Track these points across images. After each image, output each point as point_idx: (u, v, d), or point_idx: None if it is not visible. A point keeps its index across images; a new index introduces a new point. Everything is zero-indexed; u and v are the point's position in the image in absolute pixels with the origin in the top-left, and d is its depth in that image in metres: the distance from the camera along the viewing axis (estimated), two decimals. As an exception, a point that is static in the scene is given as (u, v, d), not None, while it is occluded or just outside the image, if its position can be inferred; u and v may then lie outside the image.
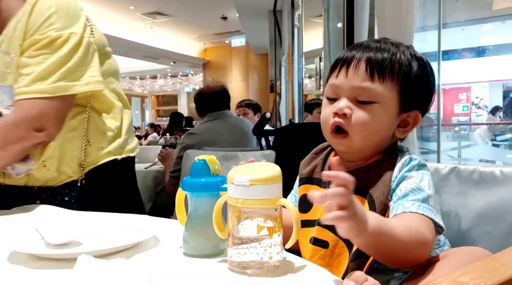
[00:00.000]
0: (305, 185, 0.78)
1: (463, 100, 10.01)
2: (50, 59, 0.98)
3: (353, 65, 0.70)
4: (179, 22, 9.44)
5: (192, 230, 0.62)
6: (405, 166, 0.68)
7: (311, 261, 0.70)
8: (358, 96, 0.69)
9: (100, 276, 0.38)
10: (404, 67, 0.69)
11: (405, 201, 0.63)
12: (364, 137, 0.69)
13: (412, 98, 0.71)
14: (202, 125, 2.32)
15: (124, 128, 1.18)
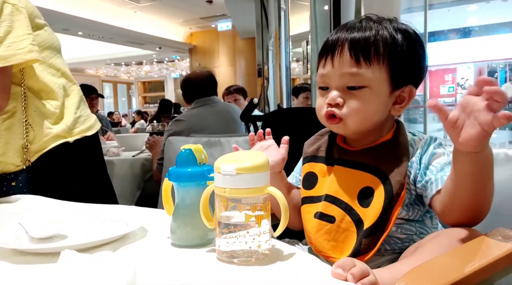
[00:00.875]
0: (310, 163, 0.80)
1: (448, 81, 10.09)
2: None
3: (337, 53, 0.69)
4: (163, 6, 9.23)
5: (179, 220, 0.61)
6: (429, 145, 0.70)
7: (316, 235, 0.72)
8: (347, 83, 0.69)
9: (84, 270, 0.37)
10: (388, 45, 0.68)
11: (446, 172, 0.65)
12: (358, 122, 0.70)
13: (402, 74, 0.70)
14: (189, 111, 2.29)
15: (71, 107, 1.12)
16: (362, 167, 0.71)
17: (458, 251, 0.51)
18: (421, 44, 0.72)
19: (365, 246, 0.67)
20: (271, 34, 6.62)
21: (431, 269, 0.47)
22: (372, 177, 0.69)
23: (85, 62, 14.43)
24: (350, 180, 0.71)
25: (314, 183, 0.77)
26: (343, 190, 0.71)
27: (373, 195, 0.68)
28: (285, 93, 5.95)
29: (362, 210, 0.68)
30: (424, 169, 0.68)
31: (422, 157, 0.69)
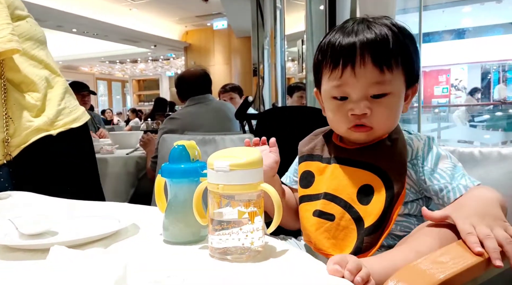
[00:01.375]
0: (306, 162, 0.80)
1: (442, 82, 10.16)
2: None
3: (359, 63, 0.68)
4: (158, 3, 9.18)
5: (172, 217, 0.61)
6: (429, 146, 0.71)
7: (315, 233, 0.72)
8: (372, 92, 0.69)
9: (73, 266, 0.37)
10: (401, 49, 0.69)
11: (458, 181, 0.67)
12: (386, 128, 0.72)
13: (413, 74, 0.72)
14: (184, 109, 2.28)
15: (54, 99, 1.08)
16: (361, 165, 0.71)
17: (451, 248, 0.51)
18: (415, 40, 0.74)
19: (367, 243, 0.67)
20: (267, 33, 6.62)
21: (423, 266, 0.47)
22: (372, 175, 0.69)
23: (79, 60, 14.33)
24: (349, 178, 0.71)
25: (311, 181, 0.77)
26: (342, 187, 0.71)
27: (373, 192, 0.68)
28: (280, 92, 5.95)
29: (361, 207, 0.69)
30: (430, 172, 0.69)
31: (425, 159, 0.70)
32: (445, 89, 10.14)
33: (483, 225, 0.52)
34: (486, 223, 0.52)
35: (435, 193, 0.69)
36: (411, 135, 0.74)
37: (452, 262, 0.48)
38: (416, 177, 0.70)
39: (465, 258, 0.49)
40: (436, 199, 0.70)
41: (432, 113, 7.96)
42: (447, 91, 10.14)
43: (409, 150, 0.71)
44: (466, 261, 0.48)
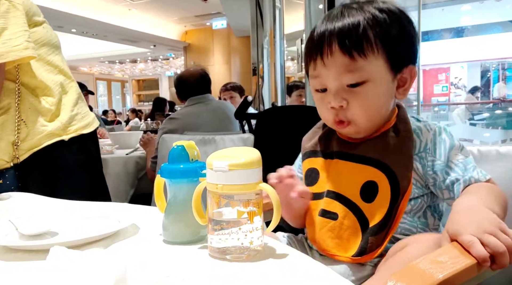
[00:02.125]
0: (310, 159, 0.77)
1: (442, 80, 10.15)
2: None
3: (327, 51, 0.65)
4: (158, 3, 9.18)
5: (171, 217, 0.61)
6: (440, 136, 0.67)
7: (320, 233, 0.70)
8: (346, 81, 0.65)
9: (73, 267, 0.37)
10: (378, 31, 0.64)
11: (470, 173, 0.65)
12: (368, 119, 0.67)
13: (399, 56, 0.67)
14: (184, 109, 2.28)
15: (68, 104, 1.10)
16: (364, 160, 0.68)
17: (448, 248, 0.51)
18: (408, 19, 0.68)
19: (372, 244, 0.65)
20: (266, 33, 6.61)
21: (422, 266, 0.47)
22: (375, 171, 0.66)
23: (79, 60, 14.32)
24: (352, 175, 0.68)
25: (316, 178, 0.74)
26: (345, 185, 0.69)
27: (377, 189, 0.65)
28: (279, 92, 5.95)
29: (365, 205, 0.66)
30: (444, 166, 0.65)
31: (435, 152, 0.66)
32: (444, 87, 10.13)
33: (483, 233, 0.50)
34: (483, 229, 0.51)
35: (447, 187, 0.65)
36: (420, 124, 0.69)
37: (451, 262, 0.48)
38: (423, 171, 0.66)
39: (464, 258, 0.49)
40: (447, 193, 0.66)
41: (432, 111, 7.96)
42: (446, 90, 10.14)
43: (417, 142, 0.67)
44: (465, 261, 0.48)
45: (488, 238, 0.49)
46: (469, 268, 0.47)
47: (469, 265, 0.47)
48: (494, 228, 0.51)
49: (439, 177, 0.66)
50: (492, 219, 0.53)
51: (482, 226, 0.51)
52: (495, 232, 0.50)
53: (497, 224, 0.51)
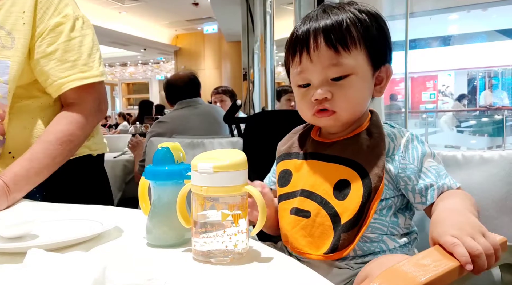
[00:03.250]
0: (284, 161, 0.79)
1: (430, 88, 10.31)
2: (86, 42, 1.00)
3: (313, 47, 0.68)
4: (149, 7, 9.15)
5: (155, 220, 0.60)
6: (412, 142, 0.70)
7: (292, 232, 0.70)
8: (330, 74, 0.68)
9: (50, 269, 0.36)
10: (361, 28, 0.68)
11: (443, 179, 0.68)
12: (351, 111, 0.70)
13: (378, 54, 0.71)
14: (172, 113, 2.27)
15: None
16: (338, 160, 0.70)
17: (431, 251, 0.51)
18: (384, 21, 0.73)
19: (344, 241, 0.65)
20: (257, 38, 6.64)
21: (405, 268, 0.47)
22: (348, 170, 0.68)
23: (67, 62, 14.14)
24: (325, 173, 0.70)
25: (289, 179, 0.75)
26: (318, 183, 0.70)
27: (349, 187, 0.67)
28: (270, 97, 5.96)
29: (337, 202, 0.67)
30: (416, 171, 0.68)
31: (408, 157, 0.68)
32: (432, 95, 10.29)
33: (465, 235, 0.51)
34: (465, 232, 0.51)
35: (420, 192, 0.68)
36: (394, 129, 0.72)
37: (433, 265, 0.48)
38: (395, 172, 0.68)
39: (447, 261, 0.49)
40: (419, 198, 0.68)
41: (420, 118, 8.06)
42: (434, 97, 10.29)
43: (390, 145, 0.70)
44: (448, 264, 0.48)
45: (466, 240, 0.49)
46: (451, 271, 0.47)
47: (452, 267, 0.47)
48: (475, 231, 0.51)
49: (412, 180, 0.68)
50: (473, 222, 0.54)
51: (464, 228, 0.52)
52: (474, 235, 0.51)
53: (478, 227, 0.52)
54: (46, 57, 0.97)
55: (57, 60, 0.97)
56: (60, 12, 0.98)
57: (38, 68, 0.98)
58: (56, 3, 0.98)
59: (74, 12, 1.00)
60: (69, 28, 0.98)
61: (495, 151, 0.73)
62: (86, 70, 0.99)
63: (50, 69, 0.97)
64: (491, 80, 9.81)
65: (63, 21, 0.98)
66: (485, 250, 0.49)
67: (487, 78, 9.94)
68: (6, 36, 0.94)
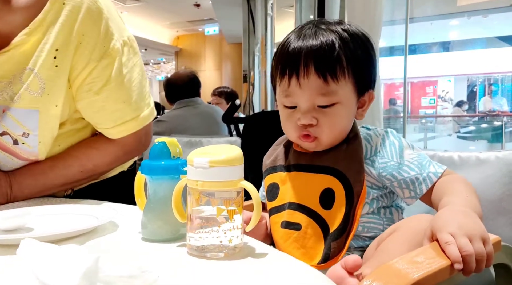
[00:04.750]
0: (270, 175, 0.79)
1: (429, 93, 10.34)
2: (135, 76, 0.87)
3: (303, 74, 0.67)
4: (150, 8, 9.17)
5: (151, 215, 0.60)
6: (388, 138, 0.71)
7: (285, 245, 0.71)
8: (318, 102, 0.68)
9: (43, 259, 0.36)
10: (350, 57, 0.68)
11: (427, 169, 0.68)
12: (333, 137, 0.71)
13: (365, 81, 0.71)
14: (171, 112, 2.28)
15: None
16: (319, 169, 0.71)
17: (426, 249, 0.51)
18: (371, 45, 0.73)
19: (334, 249, 0.66)
20: (258, 40, 6.65)
21: (399, 266, 0.47)
22: (331, 178, 0.69)
23: (68, 61, 14.17)
24: (309, 184, 0.71)
25: (276, 192, 0.76)
26: (304, 195, 0.71)
27: (334, 196, 0.68)
28: (269, 99, 5.98)
29: (325, 212, 0.68)
30: (398, 166, 0.68)
31: (387, 155, 0.69)
32: (432, 100, 10.32)
33: (462, 235, 0.51)
34: (464, 232, 0.51)
35: (407, 186, 0.68)
36: (370, 131, 0.73)
37: (427, 262, 0.48)
38: (376, 173, 0.69)
39: (440, 259, 0.49)
40: (407, 192, 0.68)
41: (419, 123, 8.08)
42: (434, 102, 10.32)
43: (368, 147, 0.71)
44: (441, 262, 0.49)
45: (461, 239, 0.49)
46: (444, 269, 0.47)
47: (445, 265, 0.47)
48: (475, 234, 0.51)
49: (395, 177, 0.68)
50: (478, 227, 0.53)
51: (464, 228, 0.52)
52: (472, 237, 0.51)
53: (480, 232, 0.52)
54: (92, 106, 0.85)
55: (105, 108, 0.85)
56: (106, 48, 0.82)
57: (85, 114, 0.88)
58: (102, 37, 0.81)
59: (119, 40, 0.85)
60: (116, 67, 0.83)
61: (491, 152, 0.74)
62: (138, 114, 0.88)
63: (98, 118, 0.88)
64: (491, 86, 9.84)
65: (110, 61, 0.83)
66: (477, 254, 0.49)
67: (486, 85, 9.97)
68: (34, 80, 0.78)
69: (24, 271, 0.36)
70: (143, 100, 0.89)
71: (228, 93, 3.36)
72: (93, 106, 0.85)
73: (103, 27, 0.81)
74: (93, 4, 0.80)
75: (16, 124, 0.80)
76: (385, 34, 3.17)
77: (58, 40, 0.78)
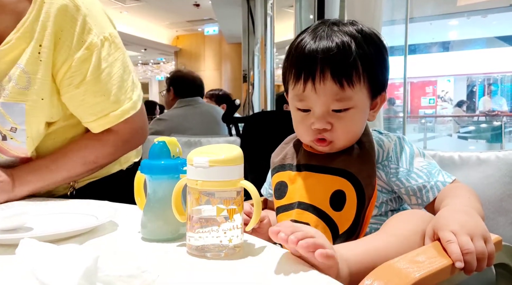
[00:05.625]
0: (278, 173, 0.79)
1: (429, 93, 10.34)
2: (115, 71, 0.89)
3: (319, 80, 0.67)
4: (150, 7, 9.16)
5: (150, 214, 0.60)
6: (401, 145, 0.71)
7: None
8: (332, 106, 0.68)
9: (42, 258, 0.36)
10: (366, 62, 0.68)
11: (435, 177, 0.68)
12: (347, 141, 0.71)
13: (378, 85, 0.71)
14: (172, 111, 2.28)
15: None
16: (331, 171, 0.71)
17: (428, 248, 0.51)
18: (385, 46, 0.72)
19: None
20: (258, 40, 6.65)
21: (400, 265, 0.47)
22: (342, 180, 0.69)
23: (68, 61, 14.15)
24: (320, 185, 0.71)
25: (285, 191, 0.75)
26: (315, 195, 0.71)
27: (345, 198, 0.68)
28: (269, 99, 5.97)
29: (335, 214, 0.68)
30: (407, 173, 0.69)
31: (398, 160, 0.70)
32: (431, 100, 10.31)
33: (463, 233, 0.51)
34: (466, 231, 0.51)
35: (414, 193, 0.69)
36: (382, 136, 0.74)
37: (428, 262, 0.48)
38: (386, 178, 0.70)
39: (442, 258, 0.49)
40: (414, 199, 0.69)
41: (419, 123, 8.08)
42: (433, 102, 10.32)
43: (380, 151, 0.71)
44: (442, 261, 0.49)
45: (463, 238, 0.49)
46: (445, 268, 0.47)
47: (446, 265, 0.47)
48: (476, 232, 0.52)
49: (404, 183, 0.69)
50: (480, 226, 0.53)
51: (466, 227, 0.52)
52: (474, 236, 0.51)
53: (481, 231, 0.52)
54: (73, 99, 0.88)
55: (85, 101, 0.87)
56: (84, 42, 0.85)
57: (70, 108, 0.90)
58: (79, 32, 0.85)
59: (99, 35, 0.87)
60: (94, 61, 0.86)
61: (491, 152, 0.74)
62: (117, 107, 0.89)
63: (80, 112, 0.90)
64: (490, 86, 9.84)
65: (88, 55, 0.85)
66: (478, 253, 0.50)
67: (486, 85, 9.97)
68: (21, 75, 0.82)
69: (23, 270, 0.36)
70: (124, 93, 0.91)
71: (218, 96, 3.31)
72: (75, 99, 0.88)
73: (80, 23, 0.85)
74: (71, 1, 0.84)
75: (4, 119, 0.83)
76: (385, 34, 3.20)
77: (40, 36, 0.82)
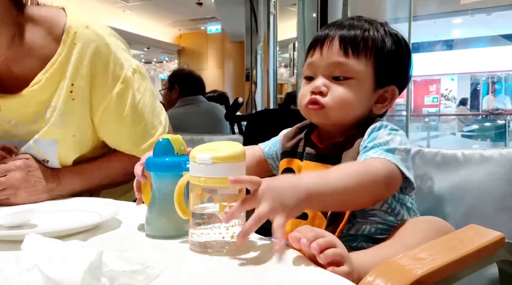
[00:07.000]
0: (288, 158, 0.78)
1: (433, 91, 10.30)
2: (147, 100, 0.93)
3: (326, 43, 0.70)
4: (153, 6, 9.17)
5: (155, 211, 0.60)
6: (375, 130, 0.67)
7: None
8: (333, 72, 0.70)
9: (47, 253, 0.36)
10: (378, 43, 0.70)
11: (368, 151, 0.64)
12: (340, 112, 0.70)
13: (387, 73, 0.72)
14: (174, 110, 2.28)
15: None
16: (328, 160, 0.71)
17: (430, 245, 0.51)
18: (409, 51, 0.74)
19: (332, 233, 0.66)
20: (260, 39, 6.64)
21: (402, 262, 0.47)
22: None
23: (71, 60, 14.18)
24: None
25: None
26: None
27: None
28: (272, 98, 5.97)
29: None
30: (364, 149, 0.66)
31: (365, 141, 0.67)
32: (435, 98, 10.28)
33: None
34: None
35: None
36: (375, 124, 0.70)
37: (431, 259, 0.48)
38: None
39: (444, 255, 0.49)
40: None
41: (422, 122, 8.06)
42: (437, 101, 10.28)
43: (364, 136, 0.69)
44: (445, 258, 0.48)
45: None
46: (448, 265, 0.47)
47: (449, 262, 0.47)
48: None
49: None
50: None
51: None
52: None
53: None
54: (113, 132, 0.92)
55: (126, 133, 0.91)
56: (119, 77, 0.88)
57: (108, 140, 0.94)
58: (113, 69, 0.88)
59: (129, 69, 0.91)
60: (130, 95, 0.90)
61: (495, 150, 0.73)
62: (154, 133, 0.94)
63: (121, 144, 0.93)
64: (494, 85, 9.79)
65: (124, 89, 0.89)
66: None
67: (490, 83, 9.92)
68: (54, 114, 0.85)
69: (28, 265, 0.36)
70: (156, 119, 0.96)
71: (214, 97, 3.31)
72: (115, 132, 0.92)
73: (113, 60, 0.88)
74: (100, 40, 0.87)
75: (36, 153, 0.85)
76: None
77: (73, 76, 0.85)
